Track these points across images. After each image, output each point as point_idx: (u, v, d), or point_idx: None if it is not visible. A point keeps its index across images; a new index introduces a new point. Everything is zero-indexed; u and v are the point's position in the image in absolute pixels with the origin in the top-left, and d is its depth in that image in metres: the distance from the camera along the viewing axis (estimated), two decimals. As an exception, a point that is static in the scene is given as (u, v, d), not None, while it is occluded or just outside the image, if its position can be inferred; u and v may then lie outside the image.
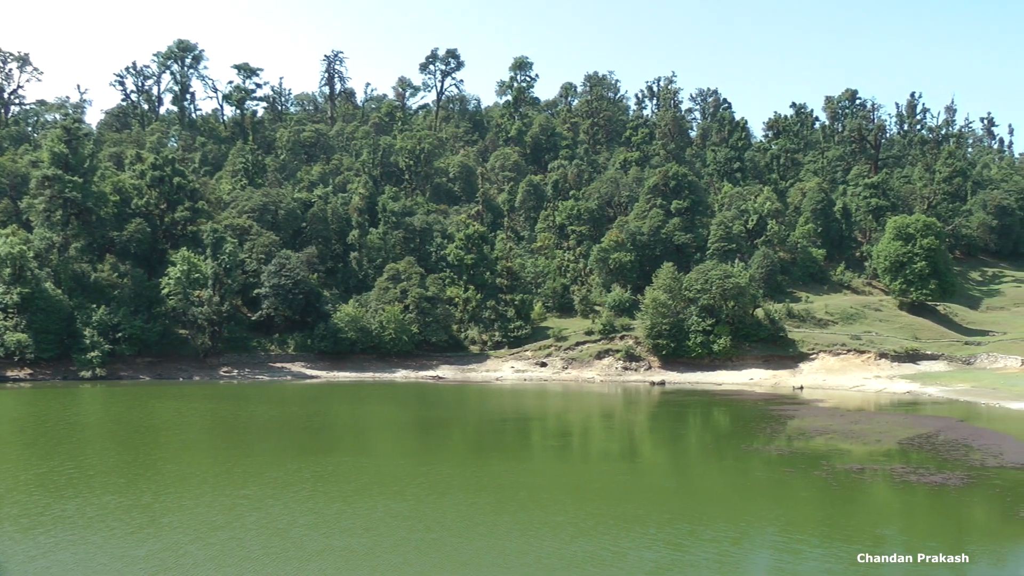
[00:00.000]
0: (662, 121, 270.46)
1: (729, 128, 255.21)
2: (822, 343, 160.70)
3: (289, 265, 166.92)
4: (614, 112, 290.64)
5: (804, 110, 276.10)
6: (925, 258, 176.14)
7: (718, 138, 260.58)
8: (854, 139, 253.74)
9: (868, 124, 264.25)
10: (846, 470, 69.13)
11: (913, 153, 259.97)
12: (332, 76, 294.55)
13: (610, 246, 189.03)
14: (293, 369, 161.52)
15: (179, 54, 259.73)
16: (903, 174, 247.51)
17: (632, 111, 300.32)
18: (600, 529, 51.62)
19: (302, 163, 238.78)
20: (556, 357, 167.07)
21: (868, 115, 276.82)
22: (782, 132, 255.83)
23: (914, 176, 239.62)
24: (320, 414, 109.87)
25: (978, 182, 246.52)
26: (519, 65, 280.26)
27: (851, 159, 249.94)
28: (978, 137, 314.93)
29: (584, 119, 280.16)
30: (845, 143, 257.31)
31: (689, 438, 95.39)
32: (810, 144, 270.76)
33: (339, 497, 59.22)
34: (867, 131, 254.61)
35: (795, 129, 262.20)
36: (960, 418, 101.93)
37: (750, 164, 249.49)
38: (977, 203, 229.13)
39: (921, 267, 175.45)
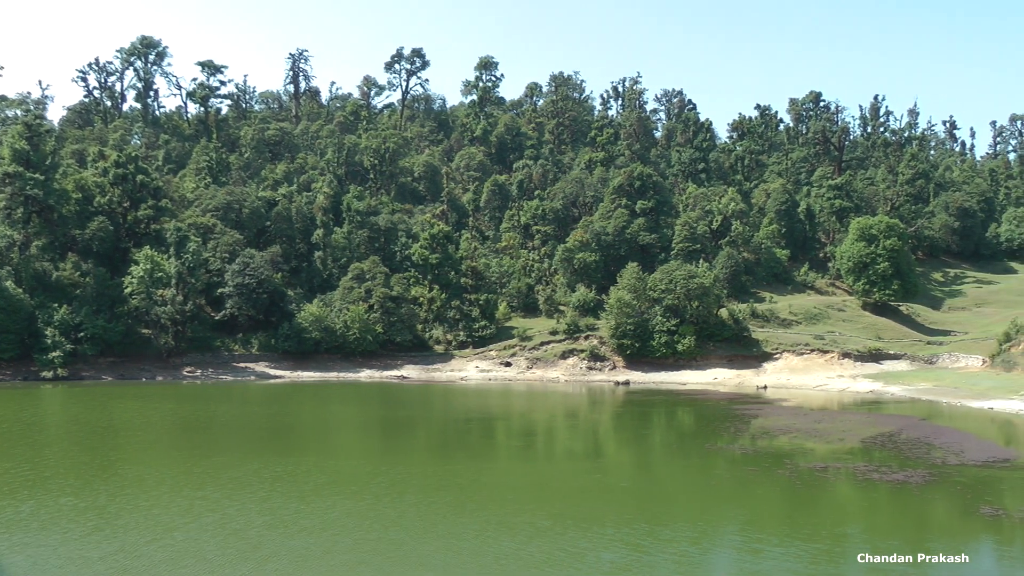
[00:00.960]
0: (627, 121, 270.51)
1: (694, 129, 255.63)
2: (786, 343, 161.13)
3: (253, 264, 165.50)
4: (579, 112, 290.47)
5: (768, 112, 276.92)
6: (888, 259, 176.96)
7: (683, 139, 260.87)
8: (818, 141, 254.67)
9: (832, 126, 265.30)
10: (809, 469, 69.19)
11: (876, 155, 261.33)
12: (297, 74, 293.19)
13: (575, 246, 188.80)
14: (257, 369, 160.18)
15: (143, 50, 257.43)
16: (866, 176, 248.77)
17: (597, 111, 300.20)
18: (558, 529, 51.35)
19: (266, 162, 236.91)
20: (521, 357, 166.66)
21: (832, 117, 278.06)
22: (747, 133, 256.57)
23: (877, 178, 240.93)
24: (283, 414, 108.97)
25: (940, 184, 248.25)
26: (484, 65, 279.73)
27: (815, 161, 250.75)
28: (940, 140, 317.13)
29: (549, 119, 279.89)
30: (809, 145, 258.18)
31: (653, 438, 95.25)
32: (774, 145, 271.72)
33: (297, 497, 58.70)
34: (831, 133, 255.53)
35: (759, 131, 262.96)
36: (922, 417, 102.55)
37: (715, 165, 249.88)
38: (939, 205, 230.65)
39: (884, 268, 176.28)
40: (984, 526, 52.98)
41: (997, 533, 51.90)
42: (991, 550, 49.16)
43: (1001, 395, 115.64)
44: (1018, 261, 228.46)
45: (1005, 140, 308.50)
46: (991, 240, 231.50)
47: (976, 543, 50.65)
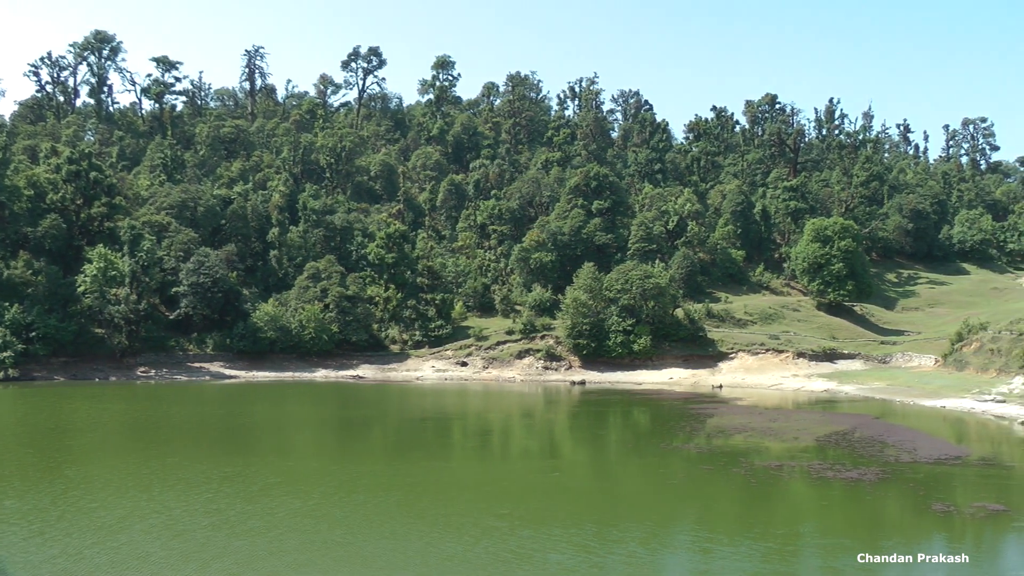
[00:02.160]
0: (584, 122, 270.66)
1: (650, 130, 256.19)
2: (741, 343, 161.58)
3: (208, 263, 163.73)
4: (536, 112, 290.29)
5: (724, 113, 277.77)
6: (842, 260, 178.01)
7: (639, 139, 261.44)
8: (773, 143, 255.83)
9: (787, 128, 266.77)
10: (764, 467, 69.33)
11: (831, 157, 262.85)
12: (253, 72, 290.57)
13: (531, 246, 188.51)
14: (212, 369, 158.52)
15: (96, 45, 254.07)
16: (821, 178, 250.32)
17: (554, 111, 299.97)
18: (507, 530, 51.13)
19: (222, 159, 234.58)
20: (477, 357, 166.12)
21: (787, 119, 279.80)
22: (703, 135, 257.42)
23: (832, 180, 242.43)
24: (236, 414, 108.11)
25: (894, 186, 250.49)
26: (441, 64, 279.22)
27: (770, 162, 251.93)
28: (894, 143, 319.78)
29: (506, 119, 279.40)
30: (765, 146, 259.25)
31: (608, 437, 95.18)
32: (730, 147, 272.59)
33: (244, 497, 58.24)
34: (786, 135, 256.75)
35: (715, 132, 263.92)
36: (876, 415, 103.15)
37: (671, 166, 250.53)
38: (893, 207, 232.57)
39: (838, 268, 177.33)
40: (936, 523, 53.42)
41: (948, 530, 52.28)
42: (943, 546, 49.26)
43: (953, 394, 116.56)
44: (970, 262, 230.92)
45: (958, 144, 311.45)
46: (944, 242, 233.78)
47: (928, 540, 50.95)
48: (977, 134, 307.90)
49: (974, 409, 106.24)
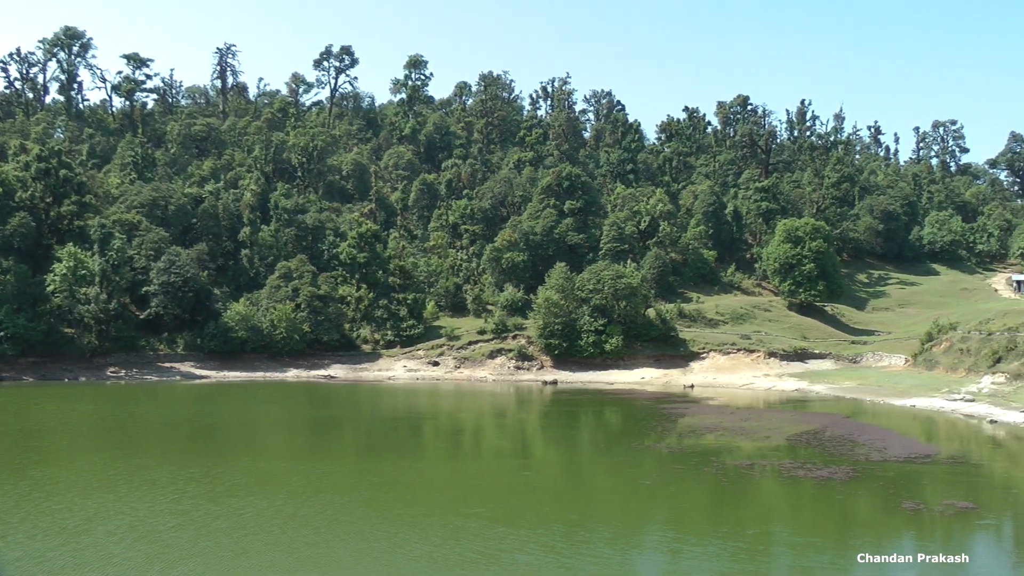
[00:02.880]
0: (556, 122, 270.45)
1: (622, 130, 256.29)
2: (712, 342, 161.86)
3: (179, 262, 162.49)
4: (508, 112, 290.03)
5: (696, 114, 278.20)
6: (813, 260, 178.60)
7: (611, 139, 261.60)
8: (745, 144, 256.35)
9: (759, 129, 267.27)
10: (736, 466, 69.42)
11: (803, 159, 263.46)
12: (224, 70, 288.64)
13: (503, 246, 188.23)
14: (182, 369, 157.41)
15: (66, 41, 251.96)
16: (793, 179, 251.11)
17: (526, 111, 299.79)
18: (474, 530, 50.97)
19: (193, 157, 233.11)
20: (449, 356, 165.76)
21: (759, 121, 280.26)
22: (675, 135, 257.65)
23: (803, 181, 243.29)
24: (206, 415, 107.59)
25: (865, 188, 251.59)
26: (414, 63, 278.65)
27: (742, 163, 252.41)
28: (865, 144, 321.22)
29: (478, 119, 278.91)
30: (736, 147, 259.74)
31: (580, 437, 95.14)
32: (702, 148, 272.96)
33: (210, 498, 57.86)
34: (758, 136, 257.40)
35: (687, 132, 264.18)
36: (846, 415, 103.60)
37: (643, 166, 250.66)
38: (864, 208, 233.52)
39: (810, 269, 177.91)
40: (906, 520, 53.65)
41: (918, 527, 52.46)
42: (912, 544, 49.40)
43: (923, 393, 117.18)
44: (940, 263, 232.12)
45: (928, 145, 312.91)
46: (914, 242, 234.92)
47: (898, 538, 51.12)
48: (947, 136, 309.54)
49: (944, 408, 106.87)
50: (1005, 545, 50.30)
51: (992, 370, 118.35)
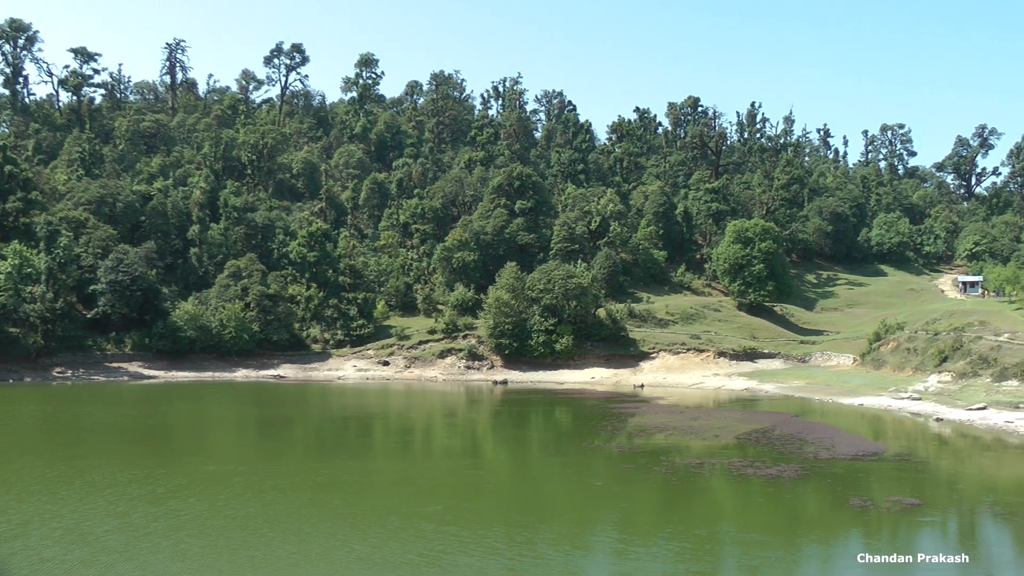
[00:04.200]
0: (507, 121, 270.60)
1: (574, 130, 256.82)
2: (663, 342, 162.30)
3: (127, 260, 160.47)
4: (459, 111, 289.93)
5: (647, 115, 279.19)
6: (763, 261, 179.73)
7: (562, 140, 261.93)
8: (696, 145, 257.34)
9: (709, 131, 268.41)
10: (685, 465, 69.45)
11: (752, 160, 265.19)
12: (174, 65, 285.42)
13: (454, 245, 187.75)
14: (130, 369, 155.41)
15: (11, 34, 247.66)
16: (743, 180, 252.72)
17: (478, 111, 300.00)
18: (415, 530, 50.56)
19: (141, 154, 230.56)
20: (399, 356, 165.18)
21: (710, 122, 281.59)
22: (625, 136, 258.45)
23: (753, 182, 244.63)
24: (153, 415, 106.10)
25: (814, 189, 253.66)
26: (365, 62, 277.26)
27: (692, 164, 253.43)
28: (815, 147, 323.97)
29: (429, 118, 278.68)
30: (687, 148, 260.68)
31: (530, 437, 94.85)
32: (653, 148, 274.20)
33: (150, 500, 56.95)
34: (708, 138, 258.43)
35: (638, 133, 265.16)
36: (795, 413, 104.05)
37: (594, 166, 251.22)
38: (813, 209, 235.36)
39: (759, 269, 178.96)
40: (853, 517, 53.97)
41: (865, 524, 52.73)
42: (859, 540, 49.68)
43: (871, 392, 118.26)
44: (888, 264, 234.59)
45: (876, 149, 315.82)
46: (862, 244, 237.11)
47: (846, 534, 51.41)
48: (895, 140, 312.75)
49: (891, 407, 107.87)
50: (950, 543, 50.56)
51: (938, 369, 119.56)
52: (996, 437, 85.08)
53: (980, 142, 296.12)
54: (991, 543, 51.02)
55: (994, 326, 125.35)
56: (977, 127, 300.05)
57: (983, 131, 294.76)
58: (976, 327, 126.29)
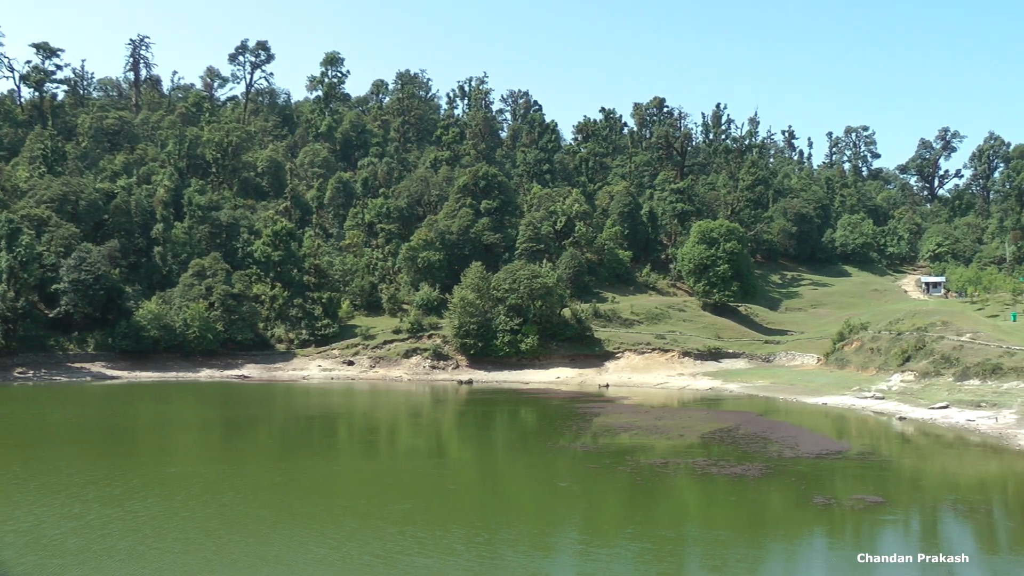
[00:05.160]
0: (473, 121, 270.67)
1: (539, 130, 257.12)
2: (628, 342, 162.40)
3: (90, 259, 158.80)
4: (425, 111, 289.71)
5: (613, 115, 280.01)
6: (728, 261, 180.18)
7: (528, 139, 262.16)
8: (661, 146, 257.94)
9: (675, 132, 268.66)
10: (650, 465, 69.42)
11: (718, 161, 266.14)
12: (137, 62, 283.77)
13: (419, 245, 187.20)
14: (93, 369, 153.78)
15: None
16: (708, 181, 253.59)
17: (443, 110, 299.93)
18: (374, 531, 50.28)
19: (105, 151, 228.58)
20: (364, 356, 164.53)
21: (675, 123, 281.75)
22: (591, 136, 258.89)
23: (718, 183, 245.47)
24: (115, 415, 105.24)
25: (779, 191, 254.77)
26: (330, 60, 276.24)
27: (658, 165, 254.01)
28: (779, 148, 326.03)
29: (395, 117, 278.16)
30: (652, 149, 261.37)
31: (495, 436, 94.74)
32: (618, 149, 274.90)
33: (106, 501, 56.36)
34: (674, 138, 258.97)
35: (604, 133, 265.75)
36: (760, 413, 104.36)
37: (559, 166, 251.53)
38: (778, 210, 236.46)
39: (724, 270, 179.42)
40: (817, 515, 54.16)
41: (829, 522, 52.89)
42: (823, 538, 49.83)
43: (834, 391, 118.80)
44: (852, 264, 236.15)
45: (840, 150, 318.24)
46: (826, 245, 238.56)
47: (809, 532, 51.59)
48: (859, 142, 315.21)
49: (854, 406, 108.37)
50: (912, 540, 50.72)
51: (902, 368, 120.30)
52: (958, 435, 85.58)
53: (943, 145, 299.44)
54: (953, 540, 51.20)
55: (956, 326, 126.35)
56: (940, 130, 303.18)
57: (946, 134, 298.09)
58: (939, 327, 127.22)
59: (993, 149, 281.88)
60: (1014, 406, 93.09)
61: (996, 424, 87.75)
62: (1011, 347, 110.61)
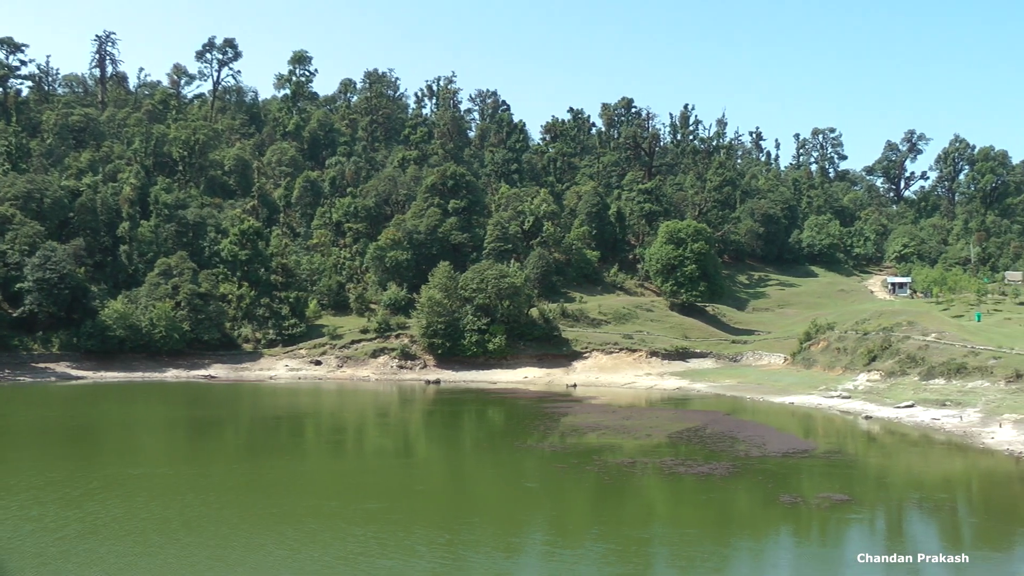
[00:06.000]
0: (441, 121, 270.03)
1: (507, 130, 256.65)
2: (595, 342, 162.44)
3: (54, 258, 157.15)
4: (393, 110, 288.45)
5: (581, 115, 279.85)
6: (695, 261, 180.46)
7: (496, 139, 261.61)
8: (629, 146, 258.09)
9: (643, 132, 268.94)
10: (617, 464, 69.46)
11: (685, 162, 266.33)
12: (103, 58, 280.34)
13: (387, 244, 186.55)
14: (58, 370, 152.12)
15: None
16: (676, 181, 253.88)
17: (411, 110, 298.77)
18: (336, 532, 50.12)
19: (70, 149, 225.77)
20: (331, 355, 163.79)
21: (643, 123, 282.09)
22: (559, 136, 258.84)
23: (686, 184, 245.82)
24: (79, 416, 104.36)
25: (746, 191, 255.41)
26: (298, 59, 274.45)
27: (626, 165, 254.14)
28: (747, 149, 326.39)
29: (363, 116, 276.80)
30: (620, 149, 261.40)
31: (462, 436, 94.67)
32: (586, 149, 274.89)
33: (66, 503, 55.90)
34: (642, 139, 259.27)
35: (572, 133, 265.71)
36: (727, 412, 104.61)
37: (527, 166, 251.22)
38: (745, 211, 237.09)
39: (691, 270, 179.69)
40: (783, 513, 54.42)
41: (795, 520, 53.08)
42: (789, 537, 49.98)
43: (801, 391, 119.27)
44: (818, 265, 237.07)
45: (808, 152, 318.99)
46: (793, 245, 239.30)
47: (776, 530, 51.74)
48: (826, 143, 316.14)
49: (821, 405, 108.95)
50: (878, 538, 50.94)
51: (868, 368, 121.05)
52: (923, 434, 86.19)
53: (909, 147, 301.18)
54: (918, 537, 51.51)
55: (922, 326, 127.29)
56: (906, 132, 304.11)
57: (912, 136, 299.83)
58: (904, 327, 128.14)
59: (958, 152, 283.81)
60: (978, 405, 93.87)
61: (961, 423, 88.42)
62: (975, 347, 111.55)
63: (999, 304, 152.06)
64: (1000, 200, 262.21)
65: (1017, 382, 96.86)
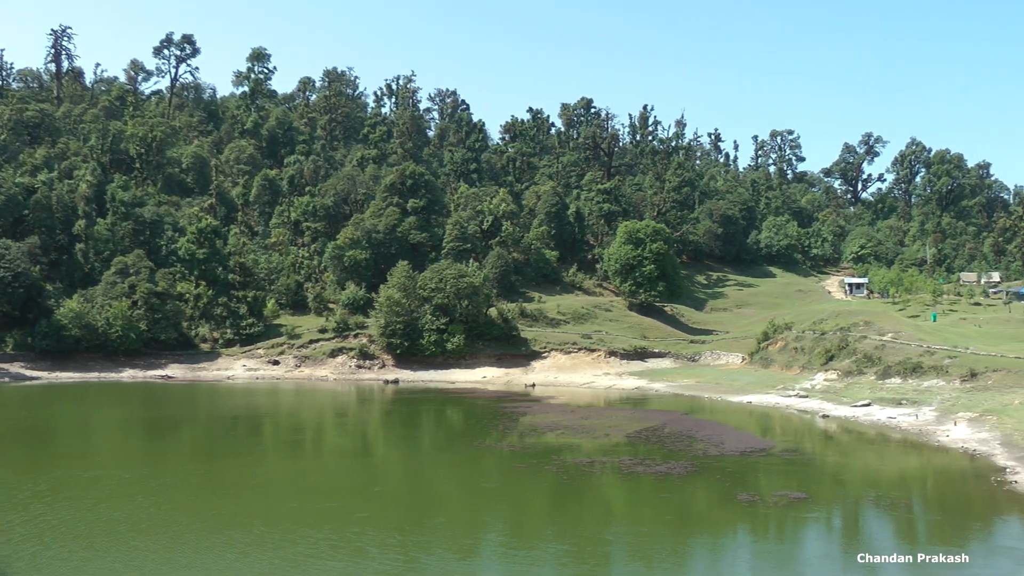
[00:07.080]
0: (400, 120, 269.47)
1: (467, 129, 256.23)
2: (554, 342, 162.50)
3: (9, 256, 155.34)
4: (352, 109, 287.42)
5: (541, 115, 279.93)
6: (654, 262, 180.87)
7: (456, 139, 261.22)
8: (588, 146, 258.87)
9: (602, 132, 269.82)
10: (576, 464, 69.45)
11: (644, 162, 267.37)
12: (59, 53, 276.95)
13: (345, 243, 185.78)
14: (11, 370, 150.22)
15: None
16: (635, 182, 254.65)
17: (371, 108, 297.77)
18: (288, 534, 49.62)
19: (25, 145, 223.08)
20: (289, 355, 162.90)
21: (602, 124, 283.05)
22: (519, 136, 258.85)
23: (645, 184, 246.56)
24: (32, 417, 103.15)
25: (705, 192, 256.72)
26: (257, 56, 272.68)
27: (585, 165, 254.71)
28: (706, 151, 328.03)
29: (322, 114, 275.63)
30: (580, 149, 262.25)
31: (421, 436, 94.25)
32: (546, 149, 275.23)
33: (9, 505, 55.12)
34: (601, 139, 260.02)
35: (531, 133, 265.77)
36: (685, 411, 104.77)
37: (487, 166, 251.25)
38: (704, 212, 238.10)
39: (650, 270, 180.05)
40: (741, 512, 54.59)
41: (753, 519, 53.23)
42: (747, 535, 50.10)
43: (759, 390, 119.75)
44: (776, 266, 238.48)
45: (766, 154, 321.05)
46: (752, 246, 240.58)
47: (733, 528, 51.87)
48: (784, 145, 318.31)
49: (779, 404, 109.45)
50: (835, 535, 51.15)
51: (825, 367, 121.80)
52: (879, 432, 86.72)
53: (866, 149, 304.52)
54: (874, 535, 51.80)
55: (878, 326, 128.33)
56: (864, 135, 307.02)
57: (869, 139, 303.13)
58: (861, 327, 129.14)
59: (915, 154, 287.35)
60: (934, 403, 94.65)
61: (916, 421, 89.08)
62: (931, 346, 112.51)
63: (954, 304, 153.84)
64: (955, 202, 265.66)
65: (972, 381, 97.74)
